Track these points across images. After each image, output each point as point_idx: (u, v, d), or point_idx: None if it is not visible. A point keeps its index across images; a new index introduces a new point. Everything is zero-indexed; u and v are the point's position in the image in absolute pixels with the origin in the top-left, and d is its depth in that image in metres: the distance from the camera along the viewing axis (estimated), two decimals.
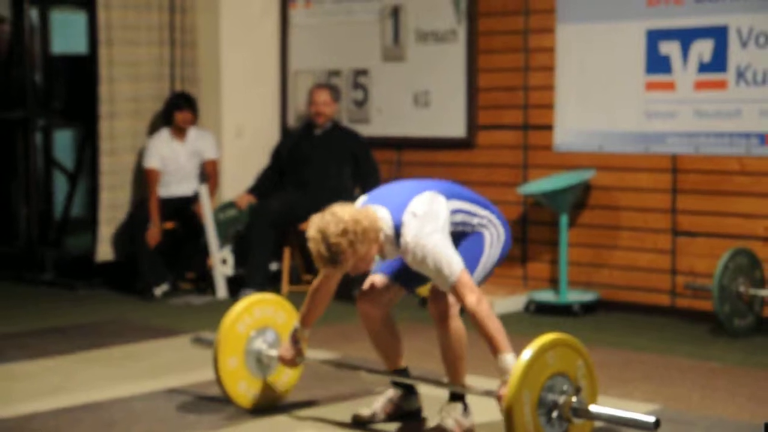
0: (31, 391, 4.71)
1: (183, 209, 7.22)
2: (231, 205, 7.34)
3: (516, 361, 3.63)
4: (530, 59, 6.82)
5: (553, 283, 6.74)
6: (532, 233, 6.87)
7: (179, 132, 7.27)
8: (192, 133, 7.33)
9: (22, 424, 4.23)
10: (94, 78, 7.31)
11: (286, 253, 7.19)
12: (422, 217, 3.79)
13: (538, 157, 6.81)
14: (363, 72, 7.53)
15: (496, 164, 6.98)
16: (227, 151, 7.66)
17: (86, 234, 8.00)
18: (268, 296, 4.54)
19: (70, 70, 8.04)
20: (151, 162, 7.22)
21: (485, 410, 4.24)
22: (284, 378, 4.49)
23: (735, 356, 5.40)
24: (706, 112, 6.18)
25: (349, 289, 6.82)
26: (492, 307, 4.11)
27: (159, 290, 7.03)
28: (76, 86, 7.91)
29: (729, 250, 5.82)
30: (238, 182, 7.60)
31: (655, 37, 6.34)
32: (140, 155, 7.36)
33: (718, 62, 6.12)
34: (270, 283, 7.09)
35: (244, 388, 4.38)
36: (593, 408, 3.72)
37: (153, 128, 7.43)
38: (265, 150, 7.68)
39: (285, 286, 7.15)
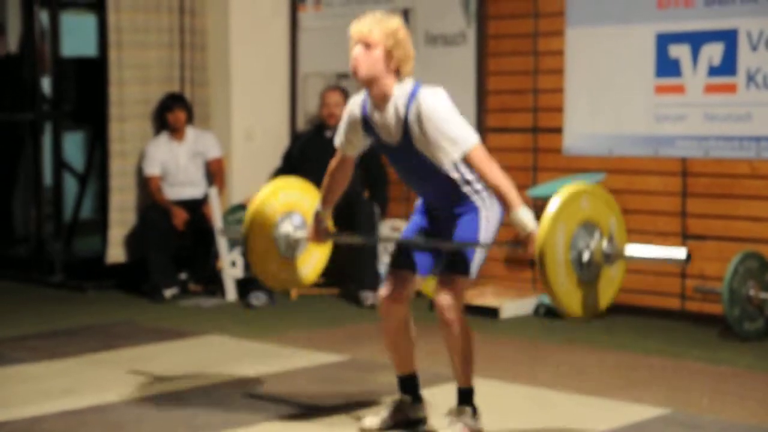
0: (40, 393, 4.72)
1: (192, 212, 7.23)
2: (241, 207, 7.34)
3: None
4: (539, 62, 6.82)
5: None
6: None
7: (176, 133, 7.29)
8: (191, 133, 7.35)
9: (31, 426, 4.24)
10: (104, 80, 7.32)
11: None
12: (441, 95, 3.87)
13: (547, 160, 6.80)
14: None
15: (506, 167, 6.87)
16: (237, 154, 7.67)
17: (95, 236, 8.02)
18: (291, 181, 4.54)
19: (80, 72, 8.06)
20: (150, 169, 7.26)
21: (494, 413, 4.24)
22: (314, 258, 4.49)
23: (745, 360, 5.39)
24: (716, 116, 6.17)
25: (357, 292, 6.82)
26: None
27: (169, 292, 7.04)
28: (85, 88, 7.92)
29: (739, 254, 5.81)
30: (247, 185, 7.60)
31: (664, 41, 6.33)
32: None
33: (728, 66, 6.11)
34: None
35: (276, 271, 4.39)
36: (625, 249, 3.75)
37: (162, 131, 7.44)
38: (274, 152, 7.69)
39: (294, 289, 7.15)
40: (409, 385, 4.22)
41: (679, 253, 3.68)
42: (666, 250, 3.74)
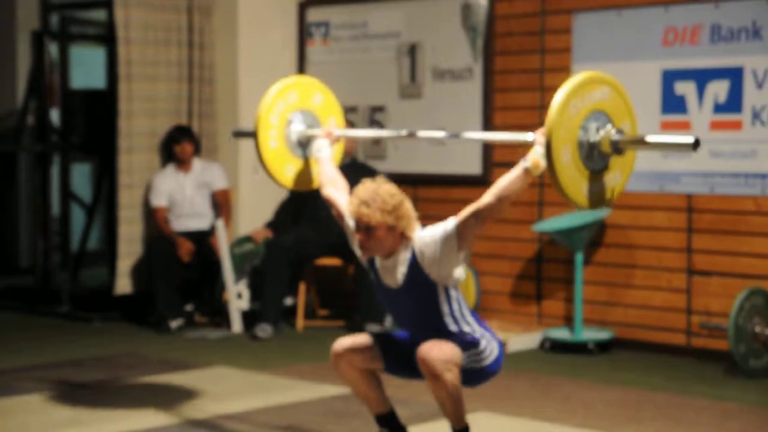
0: (45, 424, 4.73)
1: (199, 243, 7.25)
2: (247, 239, 7.37)
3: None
4: (546, 98, 6.85)
5: (568, 320, 6.74)
6: (547, 271, 6.88)
7: (182, 164, 7.34)
8: (197, 165, 7.39)
9: None
10: (112, 112, 7.37)
11: (302, 288, 7.21)
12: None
13: (553, 195, 6.82)
14: (380, 109, 7.57)
15: (512, 202, 6.98)
16: (244, 186, 7.70)
17: (102, 267, 8.04)
18: (302, 79, 4.56)
19: (88, 104, 8.11)
20: (157, 200, 7.29)
21: None
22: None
23: (750, 397, 5.39)
24: (722, 152, 6.20)
25: (363, 325, 6.83)
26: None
27: (174, 324, 7.05)
28: (94, 120, 7.97)
29: (744, 290, 5.82)
30: (254, 217, 7.63)
31: (670, 78, 6.37)
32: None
33: (733, 103, 6.15)
34: (285, 317, 7.11)
35: (288, 169, 4.44)
36: (633, 137, 3.75)
37: (169, 162, 7.47)
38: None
39: (300, 321, 7.16)
40: (389, 422, 4.13)
41: (687, 138, 3.64)
42: (673, 137, 3.70)
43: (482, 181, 7.02)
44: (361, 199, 3.86)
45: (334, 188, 4.27)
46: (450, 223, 3.82)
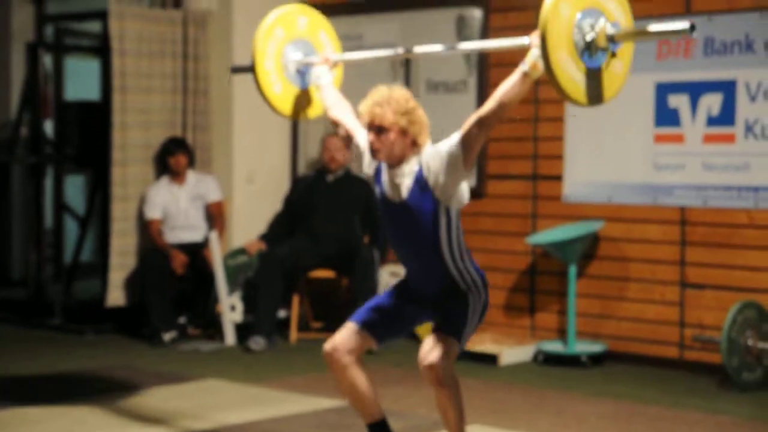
0: None
1: (193, 255, 7.24)
2: (241, 251, 7.37)
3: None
4: (540, 110, 6.87)
5: (561, 333, 6.74)
6: (540, 283, 6.88)
7: (177, 176, 7.34)
8: (192, 177, 7.39)
9: None
10: (106, 124, 7.37)
11: (295, 300, 7.21)
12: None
13: (547, 208, 6.83)
14: None
15: (505, 214, 7.01)
16: (238, 198, 7.71)
17: (95, 279, 8.03)
18: (292, 8, 4.54)
19: (82, 116, 8.11)
20: (151, 213, 7.29)
21: None
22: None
23: (743, 410, 5.39)
24: (715, 165, 6.21)
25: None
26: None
27: (167, 336, 7.04)
28: (88, 132, 7.97)
29: (737, 303, 5.82)
30: (248, 229, 7.63)
31: (664, 90, 6.39)
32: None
33: (726, 116, 6.16)
34: (278, 330, 7.10)
35: (291, 101, 4.47)
36: (628, 28, 3.73)
37: (163, 175, 7.47)
38: (275, 197, 7.72)
39: (293, 333, 7.16)
40: (382, 430, 4.11)
41: (682, 25, 3.62)
42: (668, 24, 3.68)
43: (476, 194, 7.03)
44: (375, 101, 3.89)
45: (339, 109, 4.27)
46: (454, 137, 3.84)
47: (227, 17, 7.67)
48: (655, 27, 3.72)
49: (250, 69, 4.46)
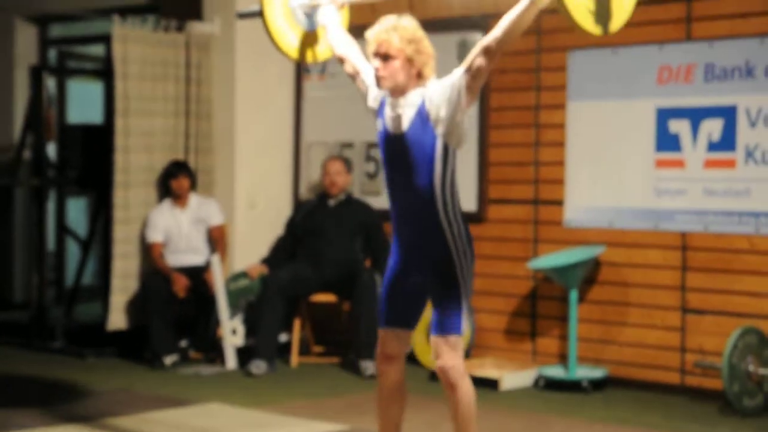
0: None
1: (194, 279, 7.25)
2: (243, 275, 7.37)
3: None
4: (541, 135, 6.89)
5: (563, 358, 6.73)
6: (541, 308, 6.88)
7: (179, 200, 7.36)
8: (194, 200, 7.41)
9: None
10: (109, 147, 7.38)
11: (297, 324, 7.21)
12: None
13: (548, 232, 6.84)
14: (375, 145, 7.59)
15: (507, 238, 7.01)
16: (239, 221, 7.72)
17: (97, 302, 8.04)
18: None
19: (85, 139, 8.14)
20: (153, 236, 7.30)
21: None
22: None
23: None
24: (716, 191, 6.22)
25: (358, 362, 6.82)
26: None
27: (168, 359, 7.04)
28: (90, 155, 7.99)
29: (738, 329, 5.82)
30: (249, 252, 7.64)
31: (665, 116, 6.40)
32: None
33: (727, 141, 6.18)
34: (279, 354, 7.10)
35: (295, 41, 4.46)
36: None
37: (165, 197, 7.49)
38: (277, 221, 7.73)
39: (295, 357, 7.15)
40: None
41: None
42: None
43: (477, 218, 7.04)
44: (383, 27, 3.91)
45: (345, 46, 4.28)
46: (460, 68, 3.85)
47: (230, 41, 7.70)
48: None
49: (258, 14, 4.46)
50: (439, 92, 3.87)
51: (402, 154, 3.94)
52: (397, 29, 3.88)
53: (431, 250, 3.97)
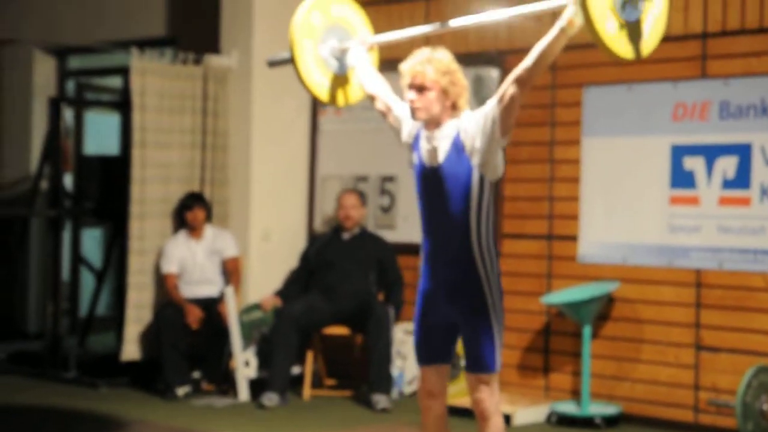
0: None
1: (208, 310, 7.26)
2: (256, 307, 7.38)
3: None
4: (555, 170, 6.90)
5: (575, 394, 6.71)
6: (554, 344, 6.87)
7: (194, 231, 7.38)
8: (209, 232, 7.43)
9: None
10: (125, 178, 7.42)
11: (309, 356, 7.20)
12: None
13: (562, 268, 6.84)
14: (390, 178, 7.62)
15: (520, 273, 7.01)
16: (254, 254, 7.73)
17: (110, 332, 8.05)
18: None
19: (102, 170, 8.18)
20: (168, 267, 7.32)
21: None
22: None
23: None
24: (730, 228, 6.21)
25: (370, 395, 6.81)
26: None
27: (181, 391, 7.04)
28: (107, 186, 8.03)
29: (752, 367, 5.80)
30: (263, 284, 7.65)
31: (679, 153, 6.41)
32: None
33: (742, 179, 6.18)
34: (292, 386, 7.09)
35: (327, 85, 4.43)
36: None
37: (180, 229, 7.51)
38: (291, 253, 7.75)
39: (307, 390, 7.14)
40: None
41: None
42: None
43: None
44: (417, 60, 3.95)
45: (376, 84, 4.30)
46: (492, 99, 3.88)
47: (247, 74, 7.75)
48: None
49: (289, 61, 4.48)
50: (473, 123, 3.91)
51: (438, 187, 3.97)
52: (431, 61, 3.93)
53: (463, 284, 4.00)
